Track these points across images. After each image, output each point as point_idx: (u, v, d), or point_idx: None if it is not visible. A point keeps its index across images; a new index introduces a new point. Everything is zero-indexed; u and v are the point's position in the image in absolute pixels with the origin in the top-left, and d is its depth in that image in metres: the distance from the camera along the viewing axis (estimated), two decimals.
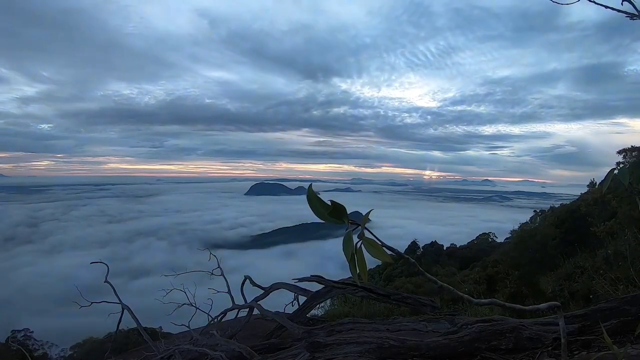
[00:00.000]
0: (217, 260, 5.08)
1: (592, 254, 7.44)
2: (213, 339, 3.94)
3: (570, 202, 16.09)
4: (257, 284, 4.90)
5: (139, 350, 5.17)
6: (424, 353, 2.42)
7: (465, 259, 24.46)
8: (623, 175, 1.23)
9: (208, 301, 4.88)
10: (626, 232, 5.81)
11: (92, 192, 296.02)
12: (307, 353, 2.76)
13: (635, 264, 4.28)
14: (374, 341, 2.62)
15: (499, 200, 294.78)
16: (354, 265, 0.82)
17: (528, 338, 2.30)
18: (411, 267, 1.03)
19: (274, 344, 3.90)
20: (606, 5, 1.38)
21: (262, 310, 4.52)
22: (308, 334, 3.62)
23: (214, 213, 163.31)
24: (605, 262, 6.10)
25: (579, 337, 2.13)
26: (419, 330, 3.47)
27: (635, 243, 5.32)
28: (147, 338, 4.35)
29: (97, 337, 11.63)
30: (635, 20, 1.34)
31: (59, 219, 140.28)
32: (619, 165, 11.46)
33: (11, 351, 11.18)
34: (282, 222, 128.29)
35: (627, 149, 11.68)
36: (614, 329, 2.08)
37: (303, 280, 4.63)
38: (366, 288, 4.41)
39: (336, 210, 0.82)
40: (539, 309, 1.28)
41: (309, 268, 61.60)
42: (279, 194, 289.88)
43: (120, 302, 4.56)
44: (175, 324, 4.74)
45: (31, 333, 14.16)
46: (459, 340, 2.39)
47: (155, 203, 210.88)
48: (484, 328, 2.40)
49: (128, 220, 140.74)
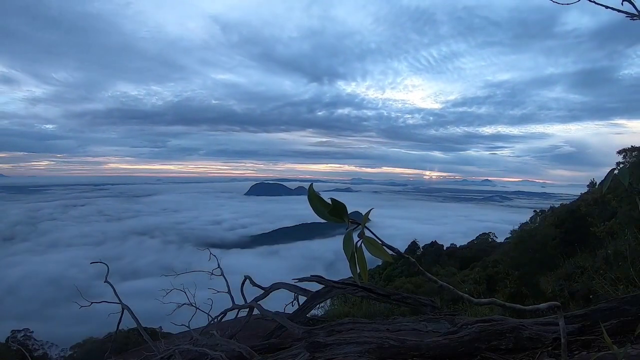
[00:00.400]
0: (217, 260, 5.08)
1: (592, 254, 7.43)
2: (213, 339, 3.94)
3: (570, 202, 16.08)
4: (257, 284, 4.91)
5: (139, 350, 5.18)
6: (424, 353, 2.42)
7: (465, 259, 24.46)
8: (623, 175, 1.23)
9: (208, 301, 4.88)
10: (626, 232, 5.80)
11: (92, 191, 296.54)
12: (307, 353, 2.76)
13: (635, 264, 4.28)
14: (374, 341, 2.62)
15: (499, 200, 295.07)
16: (354, 264, 0.82)
17: (528, 338, 2.30)
18: (411, 266, 1.03)
19: (274, 344, 3.90)
20: (606, 5, 1.38)
21: (262, 310, 4.52)
22: (308, 334, 3.62)
23: (211, 213, 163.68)
24: (605, 262, 6.09)
25: (579, 337, 2.13)
26: (419, 330, 3.46)
27: (635, 243, 5.31)
28: (147, 338, 4.35)
29: (97, 337, 11.63)
30: (635, 20, 1.34)
31: (57, 219, 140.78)
32: (619, 165, 11.46)
33: (11, 351, 11.19)
34: (281, 223, 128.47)
35: (627, 149, 11.67)
36: (614, 329, 2.08)
37: (303, 280, 4.63)
38: (366, 288, 4.42)
39: (336, 208, 0.82)
40: (539, 308, 1.28)
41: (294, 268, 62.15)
42: (279, 194, 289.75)
43: (120, 302, 4.56)
44: (175, 324, 4.75)
45: (31, 333, 14.15)
46: (459, 340, 2.39)
47: (153, 203, 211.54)
48: (484, 328, 2.40)
49: (124, 219, 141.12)
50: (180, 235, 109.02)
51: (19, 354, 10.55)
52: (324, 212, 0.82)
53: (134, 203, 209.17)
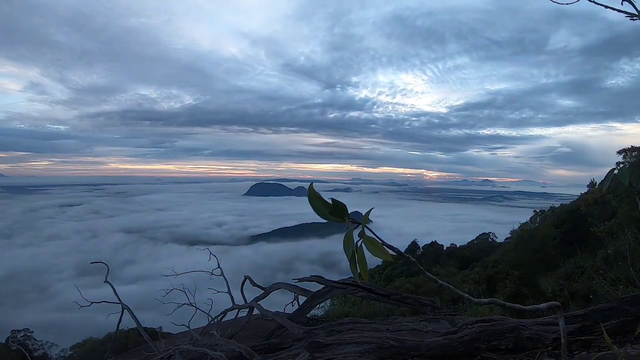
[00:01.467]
0: (217, 260, 5.08)
1: (592, 254, 7.43)
2: (213, 339, 3.94)
3: (570, 202, 16.09)
4: (257, 284, 4.90)
5: (139, 350, 5.17)
6: (423, 353, 2.42)
7: (465, 259, 24.45)
8: (623, 175, 1.23)
9: (208, 301, 4.88)
10: (626, 232, 5.80)
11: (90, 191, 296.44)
12: (307, 353, 2.76)
13: (635, 264, 4.28)
14: (374, 341, 2.62)
15: (499, 200, 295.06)
16: (354, 264, 0.82)
17: (528, 338, 2.30)
18: (412, 266, 1.03)
19: (274, 344, 3.90)
20: (606, 5, 1.38)
21: (262, 310, 4.52)
22: (308, 334, 3.61)
23: (208, 213, 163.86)
24: (605, 262, 6.10)
25: (579, 337, 2.13)
26: (419, 330, 3.46)
27: (635, 243, 5.31)
28: (147, 338, 4.35)
29: (97, 337, 11.63)
30: (635, 20, 1.34)
31: (53, 218, 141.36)
32: (618, 165, 11.46)
33: (11, 351, 11.19)
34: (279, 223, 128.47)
35: (627, 149, 11.66)
36: (614, 329, 2.08)
37: (303, 280, 4.63)
38: (366, 288, 4.41)
39: (337, 208, 0.82)
40: (538, 308, 1.28)
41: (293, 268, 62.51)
42: (279, 194, 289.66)
43: (120, 302, 4.56)
44: (175, 324, 4.75)
45: (31, 333, 14.14)
46: (459, 340, 2.39)
47: (148, 202, 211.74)
48: (484, 328, 2.40)
49: (118, 218, 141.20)
50: (172, 235, 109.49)
51: (19, 354, 10.54)
52: (324, 211, 0.82)
53: (128, 203, 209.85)
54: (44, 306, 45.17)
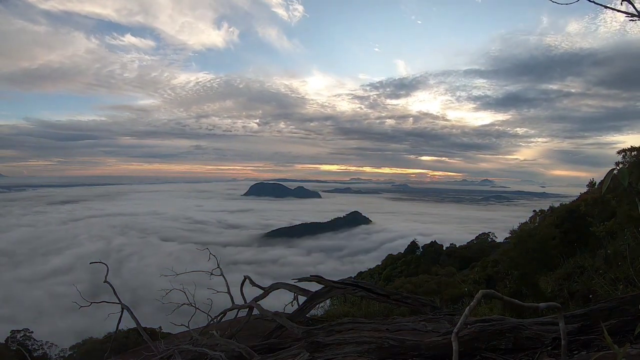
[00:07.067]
0: (217, 260, 5.08)
1: (592, 254, 7.44)
2: (213, 338, 3.94)
3: (570, 202, 16.08)
4: (256, 284, 4.90)
5: (139, 350, 5.17)
6: (423, 353, 2.42)
7: (465, 259, 24.48)
8: (623, 175, 1.23)
9: (207, 301, 4.88)
10: (626, 232, 5.80)
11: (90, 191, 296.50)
12: (307, 353, 2.76)
13: (635, 264, 4.28)
14: (374, 341, 2.62)
15: (499, 200, 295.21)
16: None
17: (528, 338, 2.30)
18: None
19: (273, 344, 3.90)
20: (605, 6, 1.38)
21: (261, 310, 4.52)
22: (308, 334, 3.61)
23: (210, 213, 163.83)
24: (605, 262, 6.11)
25: (578, 337, 2.13)
26: (419, 330, 3.46)
27: (635, 243, 5.32)
28: (147, 338, 4.35)
29: (97, 337, 11.64)
30: (635, 20, 1.34)
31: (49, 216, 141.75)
32: (618, 165, 11.47)
33: (11, 351, 11.18)
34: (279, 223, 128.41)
35: (626, 149, 11.67)
36: (614, 329, 2.08)
37: (302, 280, 4.63)
38: (366, 288, 4.42)
39: None
40: (538, 307, 1.28)
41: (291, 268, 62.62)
42: (279, 195, 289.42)
43: (120, 302, 4.55)
44: (175, 324, 4.75)
45: (31, 333, 14.14)
46: (459, 340, 2.39)
47: (144, 202, 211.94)
48: (484, 328, 2.40)
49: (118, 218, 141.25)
50: (172, 235, 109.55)
51: (18, 354, 10.54)
52: None
53: (123, 202, 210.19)
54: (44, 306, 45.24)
